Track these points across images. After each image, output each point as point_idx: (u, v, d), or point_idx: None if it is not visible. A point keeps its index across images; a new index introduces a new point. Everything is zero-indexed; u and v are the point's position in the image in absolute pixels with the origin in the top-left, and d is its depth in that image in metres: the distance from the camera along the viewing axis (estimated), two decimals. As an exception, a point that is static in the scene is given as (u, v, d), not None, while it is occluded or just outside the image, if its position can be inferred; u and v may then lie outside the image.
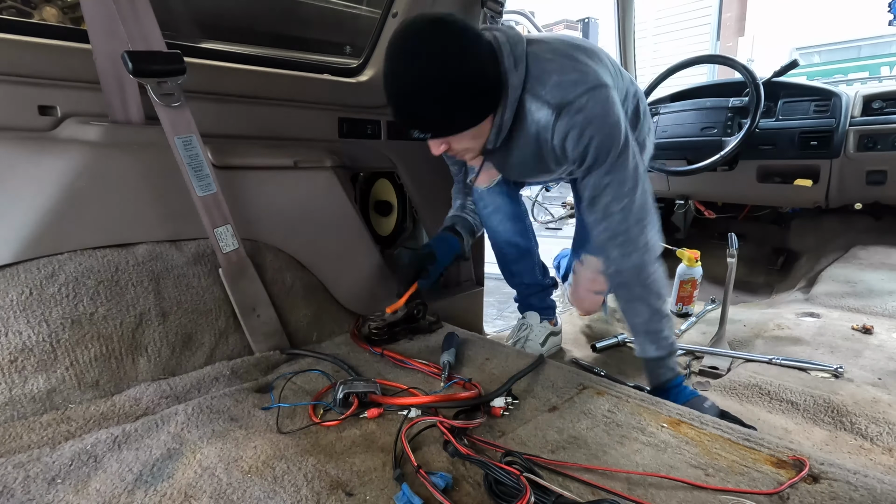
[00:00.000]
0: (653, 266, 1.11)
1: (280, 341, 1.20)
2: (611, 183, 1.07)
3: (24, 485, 0.71)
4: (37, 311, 0.91)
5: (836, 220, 2.44)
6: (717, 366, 1.44)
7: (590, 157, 1.05)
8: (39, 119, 0.99)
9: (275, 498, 0.69)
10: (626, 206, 1.08)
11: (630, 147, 1.07)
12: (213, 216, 1.09)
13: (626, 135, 1.06)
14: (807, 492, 0.71)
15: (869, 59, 9.51)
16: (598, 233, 1.12)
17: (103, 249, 1.01)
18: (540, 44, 1.10)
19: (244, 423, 0.88)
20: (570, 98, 1.02)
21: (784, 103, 2.17)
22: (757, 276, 2.54)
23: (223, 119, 1.23)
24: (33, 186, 0.95)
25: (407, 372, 1.12)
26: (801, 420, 1.16)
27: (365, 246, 1.46)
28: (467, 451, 0.76)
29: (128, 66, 0.96)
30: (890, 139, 1.98)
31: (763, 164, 2.22)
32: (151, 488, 0.71)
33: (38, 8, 1.36)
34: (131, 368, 1.00)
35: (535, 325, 1.53)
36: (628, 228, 1.09)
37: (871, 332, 1.59)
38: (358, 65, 1.54)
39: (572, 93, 1.02)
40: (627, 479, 0.74)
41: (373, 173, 1.60)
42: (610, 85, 1.06)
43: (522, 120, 1.11)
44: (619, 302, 1.18)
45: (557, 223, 5.83)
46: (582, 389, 1.03)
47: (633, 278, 1.10)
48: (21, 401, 0.88)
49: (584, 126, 1.03)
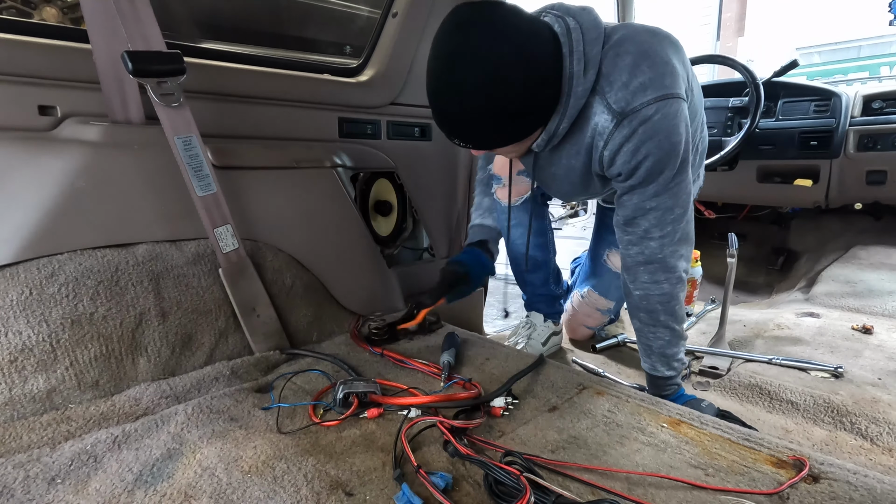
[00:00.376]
0: (682, 294, 1.06)
1: (280, 341, 1.20)
2: (656, 208, 0.98)
3: (24, 485, 0.71)
4: (37, 311, 0.91)
5: (836, 220, 2.44)
6: (717, 366, 1.44)
7: (638, 175, 0.95)
8: (39, 119, 0.99)
9: (275, 498, 0.69)
10: (667, 234, 1.00)
11: (686, 172, 0.98)
12: (213, 216, 1.09)
13: (684, 158, 0.96)
14: (807, 492, 0.71)
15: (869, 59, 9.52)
16: (630, 254, 1.06)
17: (103, 249, 1.01)
18: (621, 36, 0.93)
19: (244, 423, 0.88)
20: (637, 105, 0.90)
21: (784, 103, 2.17)
22: (757, 276, 2.54)
23: (223, 119, 1.23)
24: (33, 186, 0.95)
25: (407, 372, 1.12)
26: (801, 420, 1.16)
27: (365, 246, 1.46)
28: (467, 451, 0.76)
29: (128, 66, 0.96)
30: (890, 139, 1.99)
31: (763, 164, 2.23)
32: (151, 488, 0.71)
33: (38, 8, 1.36)
34: (131, 368, 1.00)
35: (539, 325, 1.53)
36: (665, 258, 1.02)
37: (871, 332, 1.59)
38: (358, 65, 1.54)
39: (640, 99, 0.89)
40: (627, 479, 0.74)
41: (373, 173, 1.60)
42: (684, 98, 0.93)
43: (582, 124, 0.98)
44: (637, 324, 1.12)
45: (558, 223, 5.83)
46: (582, 389, 1.03)
47: (660, 306, 1.05)
48: (21, 401, 0.88)
49: (643, 140, 0.91)
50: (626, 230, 1.05)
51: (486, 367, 1.14)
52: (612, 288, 1.51)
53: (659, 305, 1.06)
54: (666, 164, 0.94)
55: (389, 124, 1.57)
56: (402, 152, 1.59)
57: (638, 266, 1.05)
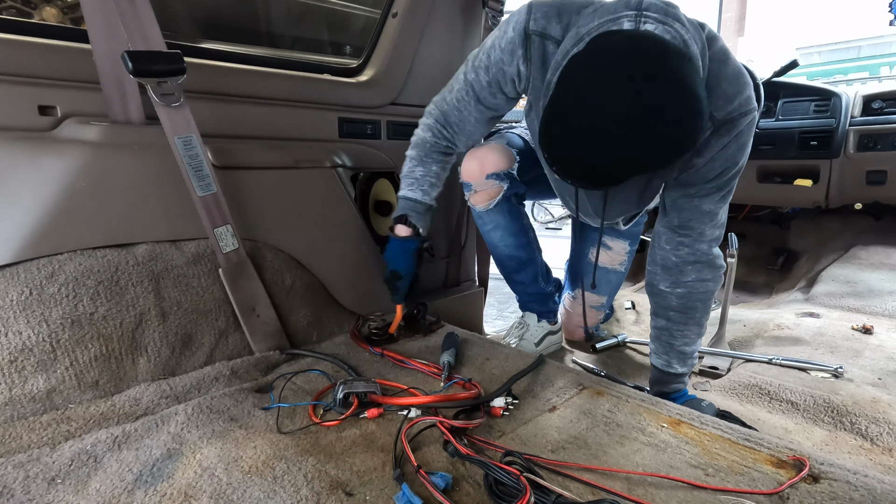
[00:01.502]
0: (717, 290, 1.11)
1: (280, 341, 1.20)
2: (715, 211, 1.03)
3: (24, 485, 0.71)
4: (37, 311, 0.91)
5: (836, 220, 2.44)
6: (717, 366, 1.44)
7: (713, 183, 0.99)
8: (39, 119, 0.99)
9: (275, 498, 0.69)
10: (717, 236, 1.07)
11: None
12: (213, 216, 1.09)
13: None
14: (807, 492, 0.71)
15: (869, 59, 9.53)
16: (680, 254, 1.07)
17: (103, 249, 1.01)
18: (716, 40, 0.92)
19: (244, 423, 0.88)
20: (734, 116, 0.92)
21: (784, 103, 2.17)
22: (757, 276, 2.54)
23: (223, 119, 1.23)
24: (33, 186, 0.95)
25: (407, 372, 1.12)
26: (801, 420, 1.16)
27: (365, 246, 1.46)
28: (467, 451, 0.76)
29: (128, 66, 0.96)
30: (890, 139, 1.99)
31: (763, 164, 2.23)
32: (151, 488, 0.71)
33: (38, 8, 1.36)
34: (131, 368, 1.00)
35: (532, 325, 1.53)
36: (713, 258, 1.07)
37: (871, 332, 1.59)
38: (358, 65, 1.54)
39: (737, 110, 0.91)
40: (627, 479, 0.74)
41: (373, 173, 1.60)
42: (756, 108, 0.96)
43: None
44: (662, 322, 1.13)
45: (557, 223, 5.83)
46: (582, 389, 1.03)
47: (700, 303, 1.10)
48: (21, 401, 0.88)
49: (736, 151, 0.95)
50: (679, 232, 1.07)
51: (486, 367, 1.14)
52: (601, 283, 1.54)
53: (699, 303, 1.10)
54: (738, 173, 1.00)
55: (389, 124, 1.57)
56: (402, 152, 1.58)
57: (686, 265, 1.08)
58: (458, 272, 1.83)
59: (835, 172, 2.10)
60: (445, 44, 1.63)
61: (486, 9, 1.63)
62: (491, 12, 1.63)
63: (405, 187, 1.25)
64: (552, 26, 0.95)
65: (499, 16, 1.65)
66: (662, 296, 1.12)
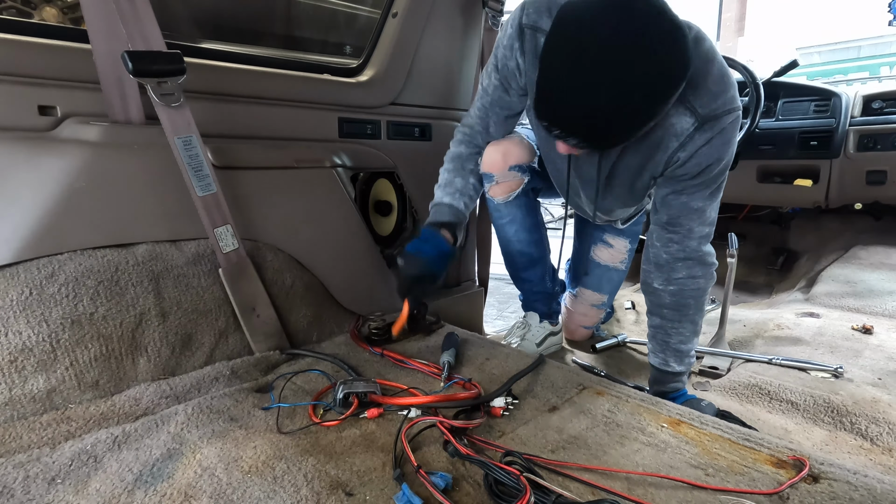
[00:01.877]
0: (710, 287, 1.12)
1: (280, 341, 1.20)
2: (703, 208, 1.04)
3: (24, 485, 0.71)
4: (37, 311, 0.91)
5: (836, 220, 2.44)
6: (717, 366, 1.44)
7: (699, 179, 1.01)
8: (39, 119, 0.99)
9: (275, 498, 0.69)
10: (707, 233, 1.07)
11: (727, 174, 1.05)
12: (213, 216, 1.09)
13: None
14: (807, 492, 0.71)
15: (869, 59, 9.53)
16: (670, 251, 1.09)
17: (103, 249, 1.01)
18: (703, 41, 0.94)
19: (244, 423, 0.88)
20: (719, 112, 0.94)
21: (784, 103, 2.17)
22: (757, 276, 2.54)
23: (223, 119, 1.23)
24: (33, 186, 0.95)
25: (407, 372, 1.12)
26: (801, 420, 1.16)
27: (365, 246, 1.46)
28: (467, 451, 0.76)
29: (128, 66, 0.97)
30: (890, 139, 1.99)
31: (763, 164, 2.23)
32: (151, 488, 0.71)
33: (38, 8, 1.36)
34: (131, 368, 1.00)
35: (534, 325, 1.53)
36: (703, 255, 1.08)
37: (871, 332, 1.59)
38: (358, 65, 1.54)
39: (721, 107, 0.94)
40: (627, 479, 0.74)
41: (373, 173, 1.60)
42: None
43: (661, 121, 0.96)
44: (657, 321, 1.15)
45: (558, 223, 5.84)
46: (582, 389, 1.03)
47: (693, 300, 1.10)
48: (21, 401, 0.88)
49: (720, 147, 0.96)
50: (668, 229, 1.08)
51: (486, 367, 1.14)
52: (602, 281, 1.55)
53: (691, 300, 1.10)
54: (725, 170, 1.02)
55: (389, 124, 1.57)
56: (402, 152, 1.59)
57: (676, 262, 1.09)
58: (458, 272, 1.83)
59: (835, 172, 2.10)
60: (445, 44, 1.63)
61: (486, 9, 1.63)
62: (491, 12, 1.63)
63: (446, 195, 1.23)
64: (543, 20, 0.99)
65: (499, 16, 1.65)
66: (656, 294, 1.13)
